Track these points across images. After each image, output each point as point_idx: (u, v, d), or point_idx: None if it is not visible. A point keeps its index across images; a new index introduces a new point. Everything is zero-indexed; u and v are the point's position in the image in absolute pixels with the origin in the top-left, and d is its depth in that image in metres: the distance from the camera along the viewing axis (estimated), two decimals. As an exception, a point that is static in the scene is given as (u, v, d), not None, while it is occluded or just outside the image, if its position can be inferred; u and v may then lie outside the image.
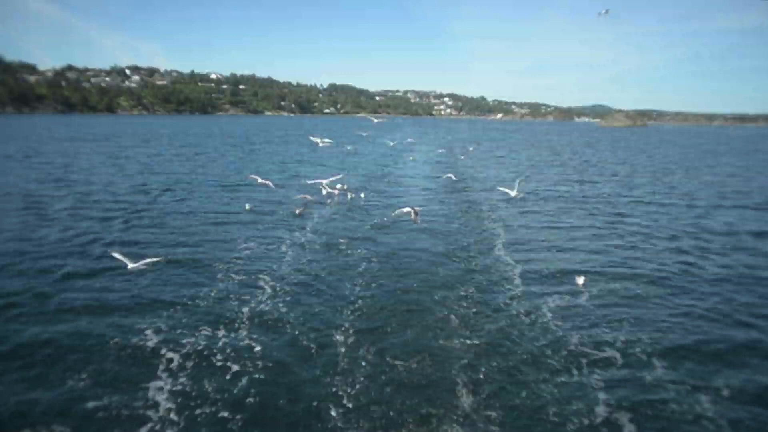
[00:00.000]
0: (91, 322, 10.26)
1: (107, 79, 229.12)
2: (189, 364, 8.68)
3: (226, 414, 7.41)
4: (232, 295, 11.73)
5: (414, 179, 33.61)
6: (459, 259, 15.26)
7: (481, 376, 8.53)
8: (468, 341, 9.82)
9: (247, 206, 21.22)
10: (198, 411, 7.44)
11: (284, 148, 56.77)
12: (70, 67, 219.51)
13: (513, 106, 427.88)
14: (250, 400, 7.77)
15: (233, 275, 13.00)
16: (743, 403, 7.93)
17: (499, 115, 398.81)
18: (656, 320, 10.94)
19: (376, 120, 65.84)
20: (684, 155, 62.36)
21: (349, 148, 50.63)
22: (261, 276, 13.01)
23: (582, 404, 7.77)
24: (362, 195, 24.50)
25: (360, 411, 7.52)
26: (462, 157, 48.03)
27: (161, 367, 8.57)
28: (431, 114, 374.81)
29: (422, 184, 31.20)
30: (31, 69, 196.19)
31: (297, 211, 20.44)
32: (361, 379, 8.38)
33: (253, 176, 22.11)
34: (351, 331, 10.06)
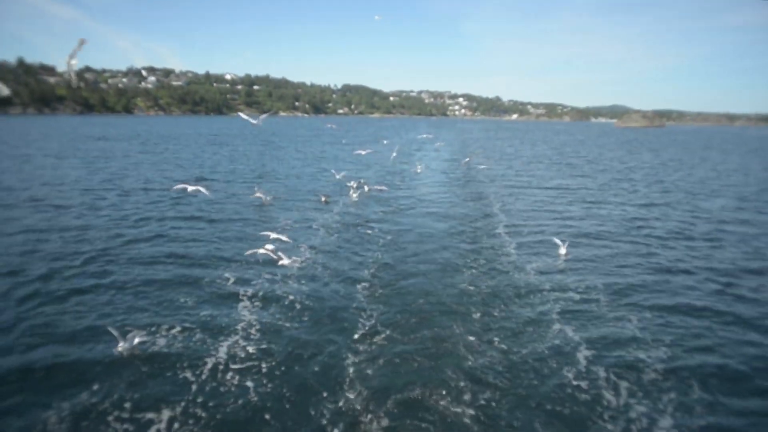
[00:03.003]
0: (174, 267, 13.41)
1: (124, 80, 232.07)
2: (256, 300, 11.57)
3: (281, 325, 10.09)
4: (281, 257, 14.45)
5: (426, 175, 36.13)
6: (464, 234, 18.22)
7: (479, 314, 11.24)
8: (471, 289, 12.71)
9: (263, 196, 22.78)
10: (267, 321, 10.17)
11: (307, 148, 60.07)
12: (87, 69, 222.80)
13: (529, 107, 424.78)
14: (298, 324, 10.47)
15: (279, 243, 15.68)
16: (666, 323, 10.79)
17: (515, 116, 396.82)
18: (612, 277, 13.91)
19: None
20: (687, 153, 65.02)
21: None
22: (300, 244, 16.03)
23: (542, 320, 10.72)
24: (378, 188, 26.95)
25: (373, 343, 9.88)
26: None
27: (240, 298, 11.70)
28: (445, 114, 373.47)
29: (434, 179, 33.78)
30: (51, 70, 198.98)
31: (323, 199, 23.32)
32: (378, 317, 11.01)
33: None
34: (370, 285, 12.78)
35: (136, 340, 9.11)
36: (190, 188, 19.02)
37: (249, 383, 8.31)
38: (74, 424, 7.16)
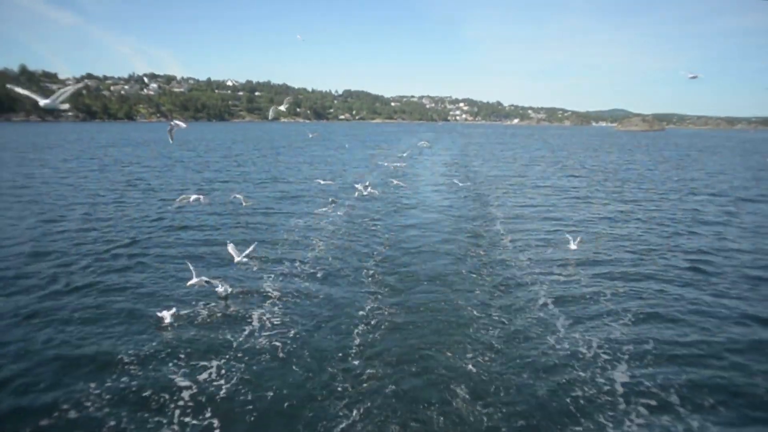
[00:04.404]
0: (197, 248, 14.52)
1: (126, 87, 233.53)
2: (278, 280, 13.06)
3: (296, 305, 11.63)
4: (298, 246, 16.56)
5: (424, 177, 37.97)
6: (464, 229, 19.81)
7: (477, 290, 12.84)
8: (469, 271, 14.40)
9: (244, 202, 21.00)
10: (289, 297, 11.71)
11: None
12: (89, 76, 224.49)
13: (529, 111, 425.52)
14: (317, 298, 12.02)
15: (294, 235, 17.77)
16: (633, 295, 12.17)
17: (515, 120, 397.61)
18: (593, 259, 15.60)
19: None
20: (679, 155, 66.88)
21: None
22: (313, 236, 17.70)
23: (531, 295, 12.16)
24: (380, 190, 28.28)
25: (379, 313, 11.47)
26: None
27: (264, 277, 13.02)
28: (446, 119, 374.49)
29: (432, 180, 35.51)
30: (54, 78, 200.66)
31: (331, 199, 24.92)
32: (383, 293, 12.63)
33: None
34: (376, 269, 14.35)
35: (181, 312, 10.63)
36: (192, 198, 17.06)
37: (277, 343, 9.82)
38: (138, 374, 8.63)
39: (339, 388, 8.32)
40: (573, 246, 16.13)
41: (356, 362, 9.18)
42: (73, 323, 10.47)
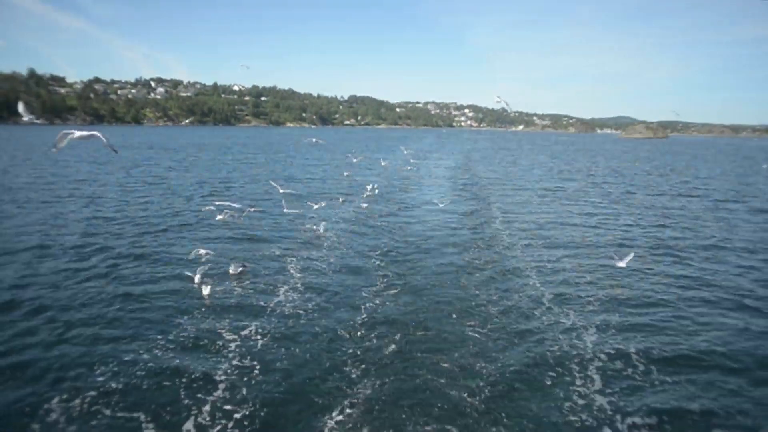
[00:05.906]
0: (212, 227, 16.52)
1: (133, 91, 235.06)
2: (294, 276, 14.74)
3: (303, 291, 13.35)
4: (309, 240, 18.11)
5: (430, 180, 39.99)
6: (464, 226, 21.28)
7: (477, 273, 14.52)
8: (468, 261, 16.04)
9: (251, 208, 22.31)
10: (306, 281, 13.44)
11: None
12: (97, 80, 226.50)
13: (534, 118, 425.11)
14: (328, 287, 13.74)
15: (306, 230, 19.34)
16: (608, 276, 13.93)
17: (520, 127, 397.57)
18: (580, 250, 16.88)
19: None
20: (677, 162, 68.51)
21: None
22: (323, 231, 18.88)
23: (523, 279, 13.67)
24: (387, 191, 30.32)
25: (384, 298, 13.12)
26: None
27: (284, 263, 14.87)
28: (451, 125, 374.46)
29: (435, 183, 37.51)
30: (61, 81, 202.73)
31: (340, 200, 26.64)
32: (386, 285, 14.01)
33: (215, 204, 20.18)
34: (380, 262, 15.66)
35: (211, 290, 12.47)
36: (218, 216, 19.45)
37: (299, 319, 11.41)
38: (191, 329, 10.36)
39: (351, 347, 9.96)
40: (563, 238, 17.62)
41: (365, 328, 10.84)
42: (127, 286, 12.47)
